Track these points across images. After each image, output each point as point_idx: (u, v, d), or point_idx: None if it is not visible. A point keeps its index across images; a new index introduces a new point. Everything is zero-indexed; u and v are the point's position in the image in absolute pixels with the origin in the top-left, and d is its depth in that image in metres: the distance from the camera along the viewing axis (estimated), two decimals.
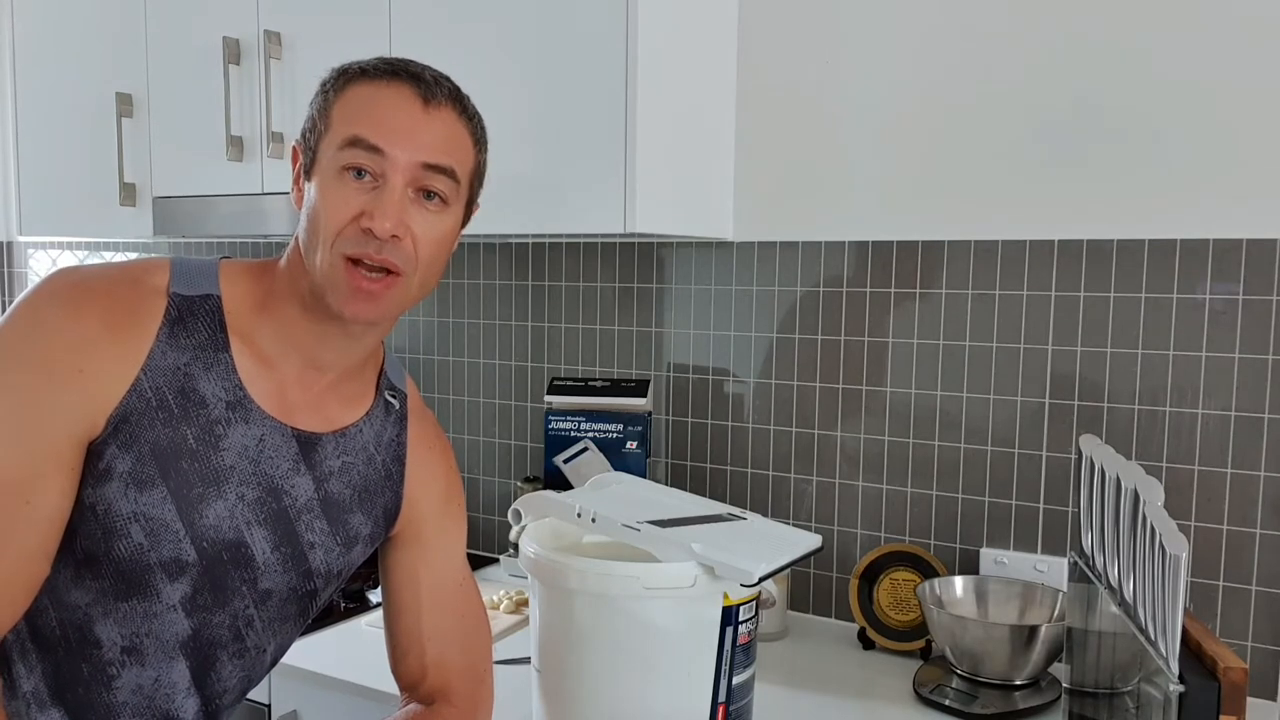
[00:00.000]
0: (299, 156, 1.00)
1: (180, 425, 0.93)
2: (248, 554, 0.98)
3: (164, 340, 0.92)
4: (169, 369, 0.92)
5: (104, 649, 0.95)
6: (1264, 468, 1.46)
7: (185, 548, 0.94)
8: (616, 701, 1.16)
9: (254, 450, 0.97)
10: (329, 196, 0.94)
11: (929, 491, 1.69)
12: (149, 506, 0.92)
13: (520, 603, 1.76)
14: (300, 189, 1.00)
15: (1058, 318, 1.58)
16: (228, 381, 0.95)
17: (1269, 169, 1.44)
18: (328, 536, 1.04)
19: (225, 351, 0.95)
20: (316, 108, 0.99)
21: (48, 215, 2.17)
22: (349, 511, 1.05)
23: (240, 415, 0.96)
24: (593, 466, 1.63)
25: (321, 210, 0.94)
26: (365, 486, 1.06)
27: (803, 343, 1.78)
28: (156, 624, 0.96)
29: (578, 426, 1.67)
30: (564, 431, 1.67)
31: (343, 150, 0.94)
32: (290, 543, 1.01)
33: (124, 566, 0.93)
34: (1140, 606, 1.04)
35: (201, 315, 0.95)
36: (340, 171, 0.94)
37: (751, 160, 1.80)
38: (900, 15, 1.66)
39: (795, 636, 1.70)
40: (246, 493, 0.97)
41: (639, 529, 1.18)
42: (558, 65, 1.57)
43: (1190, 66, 1.48)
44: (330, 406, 1.03)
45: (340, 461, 1.04)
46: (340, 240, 0.93)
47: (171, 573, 0.94)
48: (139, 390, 0.91)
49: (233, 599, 0.99)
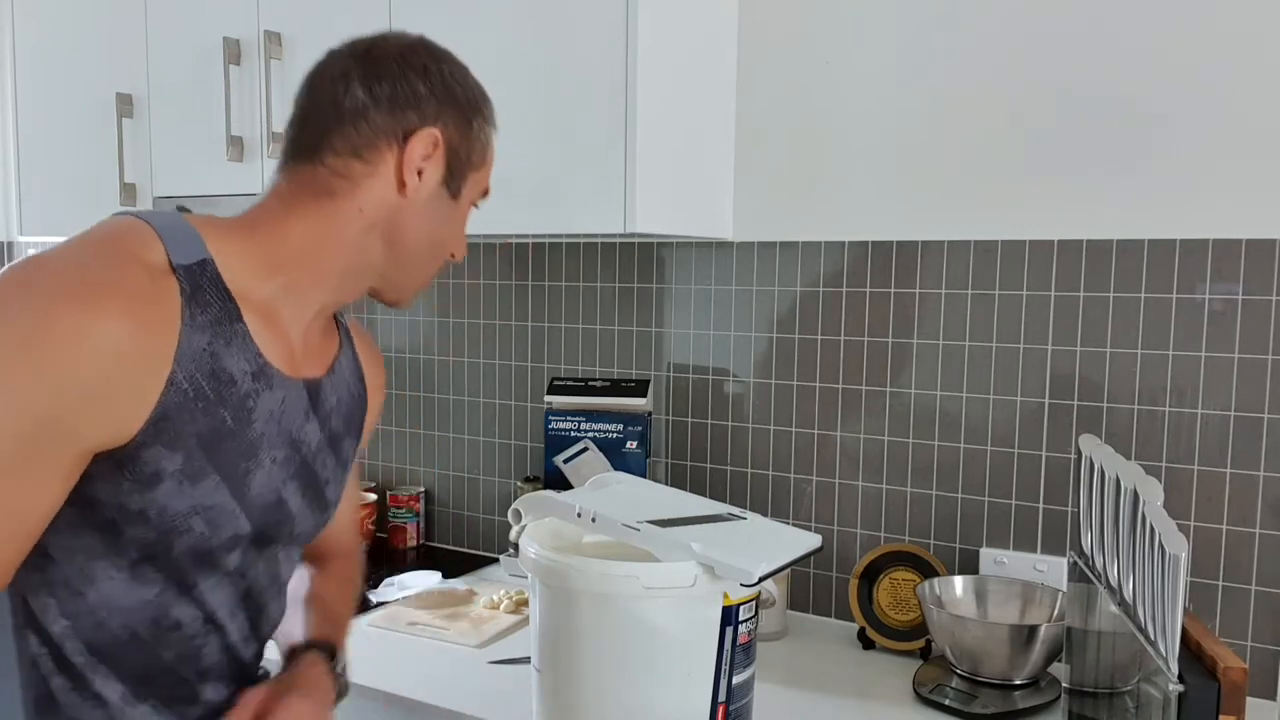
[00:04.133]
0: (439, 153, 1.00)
1: (217, 409, 0.91)
2: (286, 509, 1.00)
3: (187, 324, 0.88)
4: (196, 353, 0.89)
5: (186, 627, 0.96)
6: (1263, 468, 1.46)
7: (241, 523, 0.95)
8: (616, 701, 1.16)
9: (278, 413, 0.97)
10: (460, 228, 1.07)
11: (929, 491, 1.70)
12: (204, 497, 0.91)
13: (520, 603, 1.76)
14: (421, 182, 0.99)
15: (1057, 318, 1.58)
16: (248, 352, 0.93)
17: (1269, 169, 1.44)
18: (335, 469, 1.07)
19: (239, 321, 0.92)
20: (479, 134, 1.03)
21: (48, 215, 2.17)
22: (343, 440, 1.09)
23: (264, 383, 0.95)
24: (593, 466, 1.63)
25: (451, 235, 1.05)
26: (350, 414, 1.10)
27: (803, 343, 1.78)
28: (220, 590, 0.98)
29: (578, 426, 1.67)
30: (564, 431, 1.67)
31: (479, 196, 1.07)
32: (313, 486, 1.04)
33: (188, 557, 0.93)
34: (1140, 606, 1.04)
35: (207, 286, 0.91)
36: (469, 207, 1.06)
37: (751, 160, 1.80)
38: (900, 16, 1.66)
39: (795, 636, 1.70)
40: (277, 455, 0.98)
41: (639, 529, 1.18)
42: (558, 66, 1.57)
43: (1190, 66, 1.48)
44: (319, 349, 1.06)
45: (335, 398, 1.06)
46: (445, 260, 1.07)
47: (229, 547, 0.96)
48: (175, 385, 0.87)
49: (270, 546, 1.02)
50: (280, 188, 0.99)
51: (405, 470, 2.24)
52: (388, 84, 0.98)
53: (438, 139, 0.99)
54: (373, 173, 0.98)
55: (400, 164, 0.98)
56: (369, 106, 0.97)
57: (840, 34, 1.71)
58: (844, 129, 1.72)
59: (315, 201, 0.97)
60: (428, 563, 2.05)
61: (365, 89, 0.97)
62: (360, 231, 0.98)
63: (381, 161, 0.98)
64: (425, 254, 1.03)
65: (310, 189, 0.98)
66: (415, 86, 0.98)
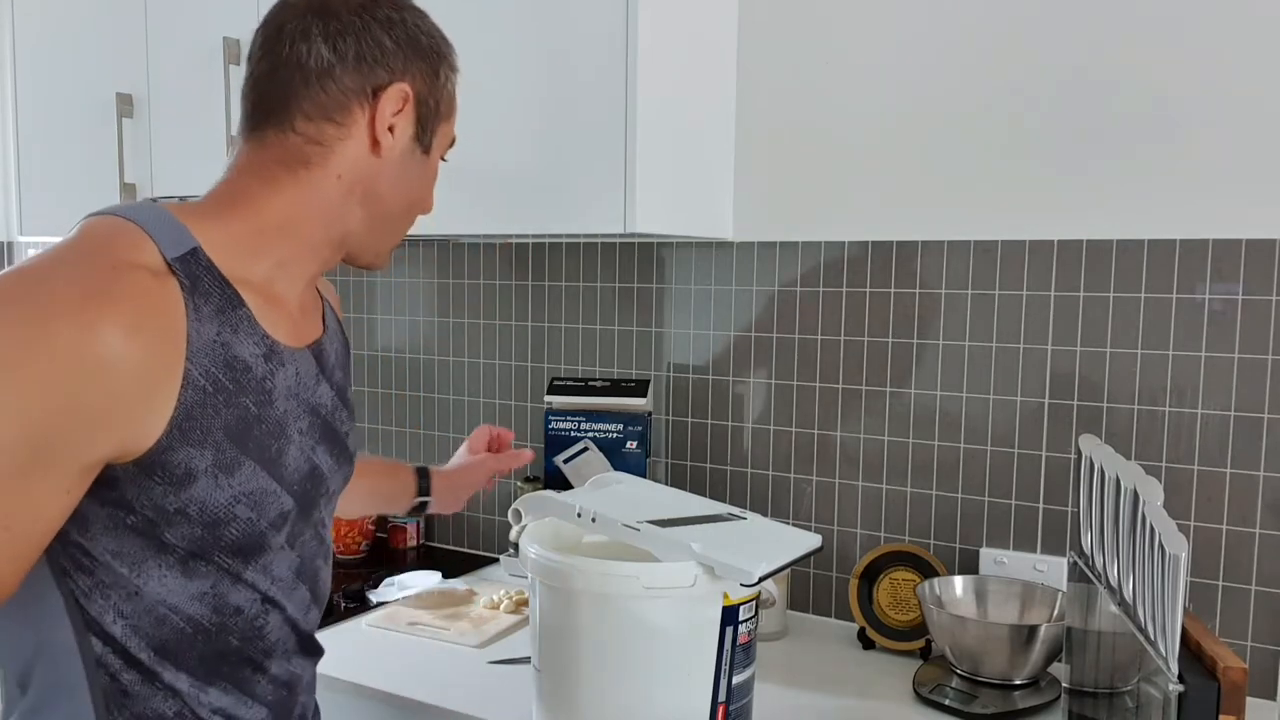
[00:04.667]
0: (409, 108, 0.97)
1: (238, 398, 0.89)
2: (319, 473, 1.01)
3: (193, 319, 0.85)
4: (208, 346, 0.87)
5: (246, 610, 0.96)
6: (1263, 468, 1.46)
7: (284, 500, 0.95)
8: (616, 701, 1.16)
9: (295, 386, 0.97)
10: (431, 183, 1.05)
11: (929, 491, 1.70)
12: (244, 484, 0.90)
13: (520, 603, 1.76)
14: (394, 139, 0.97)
15: (1057, 318, 1.58)
16: (255, 334, 0.92)
17: (1269, 169, 1.44)
18: (348, 420, 1.08)
19: (242, 306, 0.91)
20: (447, 83, 1.02)
21: (48, 215, 2.17)
22: (347, 390, 1.10)
23: (276, 362, 0.94)
24: (593, 466, 1.63)
25: (423, 191, 1.04)
26: (344, 360, 1.11)
27: (803, 343, 1.78)
28: (275, 568, 0.98)
29: (578, 426, 1.67)
30: (564, 431, 1.67)
31: (448, 147, 1.06)
32: (337, 442, 1.05)
33: (239, 544, 0.92)
34: (1140, 606, 1.04)
35: (204, 276, 0.88)
36: (439, 161, 1.05)
37: (751, 160, 1.80)
38: (900, 16, 1.66)
39: (795, 636, 1.70)
40: (302, 425, 0.98)
41: (639, 529, 1.18)
42: (558, 65, 1.57)
43: (1191, 67, 1.48)
44: (313, 313, 1.06)
45: (333, 355, 1.07)
46: (414, 216, 1.05)
47: (278, 525, 0.96)
48: (192, 383, 0.85)
49: (314, 512, 1.02)
50: (250, 159, 0.95)
51: None
52: (352, 39, 0.94)
53: (407, 94, 0.97)
54: (346, 135, 0.95)
55: (373, 123, 0.95)
56: (335, 65, 0.93)
57: (840, 34, 1.71)
58: (844, 129, 1.72)
59: (291, 173, 0.94)
60: (428, 563, 2.05)
61: (330, 46, 0.93)
62: (340, 198, 0.96)
63: (354, 123, 0.95)
64: (401, 213, 1.02)
65: (283, 159, 0.94)
66: (381, 40, 0.95)
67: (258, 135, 0.95)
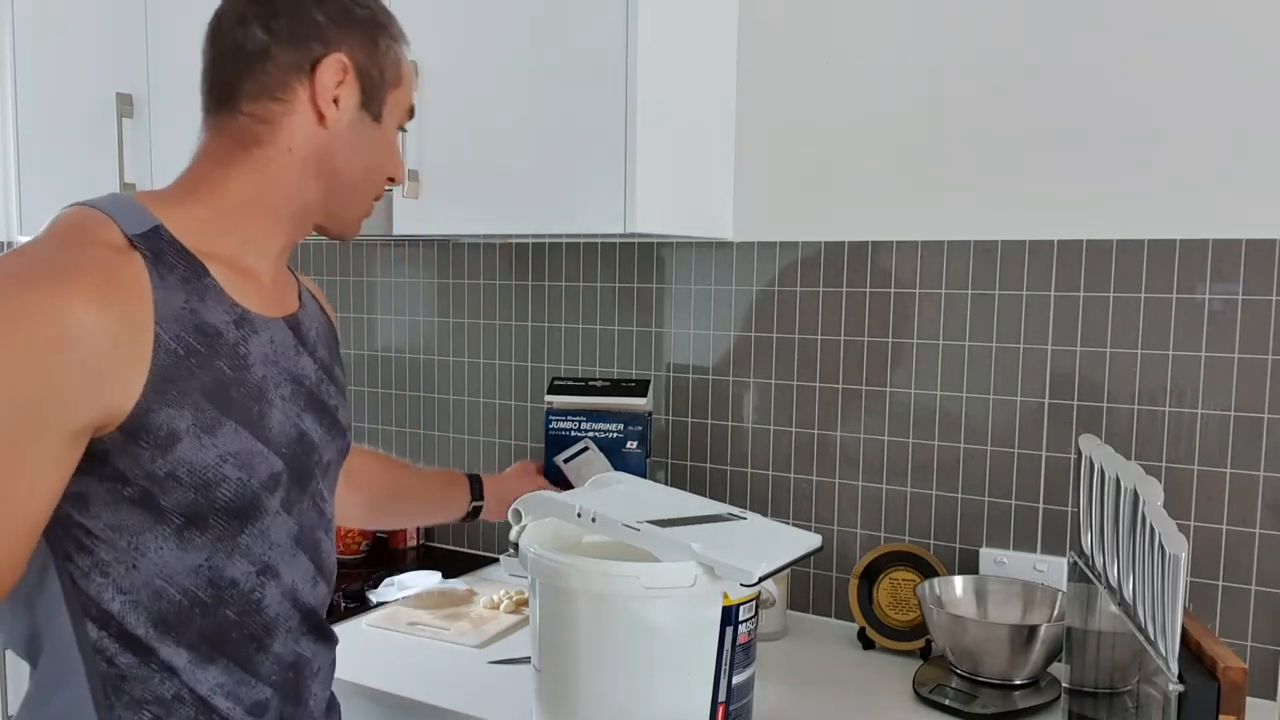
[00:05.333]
0: (351, 78, 1.01)
1: (212, 361, 0.93)
2: (309, 440, 1.03)
3: (159, 288, 0.90)
4: (176, 312, 0.91)
5: (241, 583, 0.98)
6: (1263, 468, 1.46)
7: (273, 461, 0.98)
8: (616, 701, 1.16)
9: (271, 353, 1.01)
10: (391, 151, 1.08)
11: (929, 491, 1.70)
12: (227, 443, 0.93)
13: (520, 603, 1.76)
14: (339, 110, 1.01)
15: (1057, 318, 1.58)
16: (223, 302, 0.96)
17: (1268, 169, 1.44)
18: (337, 395, 1.11)
19: (207, 275, 0.95)
20: (388, 51, 1.04)
21: (48, 215, 2.15)
22: (333, 368, 1.13)
23: (249, 329, 0.98)
24: (593, 466, 1.63)
25: (381, 159, 1.07)
26: (329, 342, 1.14)
27: (803, 343, 1.78)
28: (272, 533, 1.00)
29: (578, 426, 1.67)
30: (564, 431, 1.67)
31: (404, 116, 1.08)
32: (325, 413, 1.08)
33: (233, 505, 0.95)
34: (1140, 606, 1.04)
35: (167, 250, 0.93)
36: (396, 129, 1.08)
37: (751, 160, 1.80)
38: (899, 16, 1.66)
39: (795, 636, 1.70)
40: (284, 391, 1.01)
41: (639, 529, 1.18)
42: (558, 65, 1.57)
43: (1190, 66, 1.48)
44: (286, 288, 1.09)
45: (314, 330, 1.10)
46: (381, 184, 1.08)
47: (270, 487, 0.98)
48: (164, 346, 0.89)
49: (309, 482, 1.05)
50: (208, 145, 1.01)
51: None
52: (284, 18, 0.99)
53: (345, 64, 1.00)
54: (290, 110, 1.00)
55: (314, 96, 1.00)
56: (271, 45, 0.99)
57: (840, 34, 1.71)
58: (844, 129, 1.72)
59: (245, 153, 1.00)
60: (428, 563, 2.05)
61: (264, 28, 0.99)
62: (297, 172, 1.01)
63: (296, 98, 1.00)
64: (361, 182, 1.06)
65: (237, 141, 1.00)
66: (312, 15, 1.00)
67: (213, 121, 1.01)
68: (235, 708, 0.99)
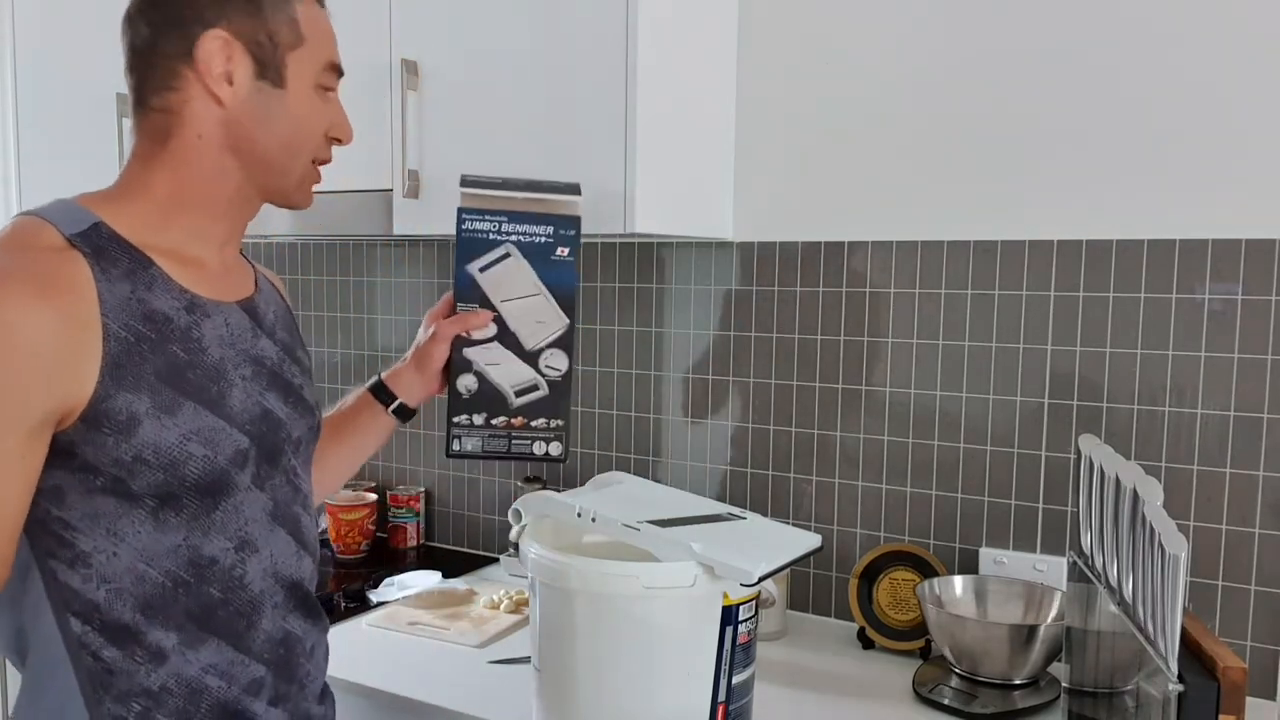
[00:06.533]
0: (238, 51, 1.00)
1: (165, 346, 0.95)
2: (275, 418, 1.05)
3: (102, 281, 0.92)
4: (123, 303, 0.93)
5: (220, 560, 0.99)
6: (1263, 468, 1.46)
7: (238, 437, 0.99)
8: (616, 701, 1.16)
9: (227, 336, 1.02)
10: (314, 113, 1.05)
11: (928, 491, 1.70)
12: (189, 423, 0.95)
13: (520, 603, 1.76)
14: (233, 86, 1.00)
15: (1057, 318, 1.58)
16: (171, 289, 0.98)
17: (1268, 169, 1.44)
18: (302, 375, 1.13)
19: (153, 266, 0.97)
20: (277, 12, 1.01)
21: None
22: (295, 349, 1.14)
23: (200, 313, 1.00)
24: (514, 276, 1.39)
25: (305, 123, 1.05)
26: (288, 325, 1.16)
27: (802, 343, 1.78)
28: (246, 509, 1.01)
29: (498, 228, 1.40)
30: (480, 233, 1.39)
31: (324, 72, 1.05)
32: (290, 392, 1.09)
33: (203, 483, 0.97)
34: (1139, 606, 1.04)
35: (108, 245, 0.95)
36: (317, 89, 1.05)
37: (751, 160, 1.80)
38: (899, 17, 1.66)
39: (795, 636, 1.70)
40: (245, 372, 1.03)
41: (639, 529, 1.18)
42: (558, 65, 1.57)
43: (1191, 67, 1.48)
44: (239, 274, 1.10)
45: (271, 314, 1.11)
46: (313, 149, 1.07)
47: (239, 463, 1.00)
48: (113, 336, 0.92)
49: (280, 458, 1.06)
50: (135, 145, 1.03)
51: (405, 470, 2.24)
52: (160, 9, 1.00)
53: (226, 38, 1.00)
54: (188, 98, 1.00)
55: (202, 78, 1.00)
56: (154, 37, 1.00)
57: (840, 34, 1.71)
58: (844, 129, 1.72)
59: (162, 148, 1.01)
60: (428, 563, 2.05)
61: (146, 21, 1.00)
62: (213, 156, 1.02)
63: (188, 85, 1.00)
64: (283, 151, 1.04)
65: (153, 137, 1.01)
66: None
67: (135, 122, 1.04)
68: (230, 687, 1.00)
